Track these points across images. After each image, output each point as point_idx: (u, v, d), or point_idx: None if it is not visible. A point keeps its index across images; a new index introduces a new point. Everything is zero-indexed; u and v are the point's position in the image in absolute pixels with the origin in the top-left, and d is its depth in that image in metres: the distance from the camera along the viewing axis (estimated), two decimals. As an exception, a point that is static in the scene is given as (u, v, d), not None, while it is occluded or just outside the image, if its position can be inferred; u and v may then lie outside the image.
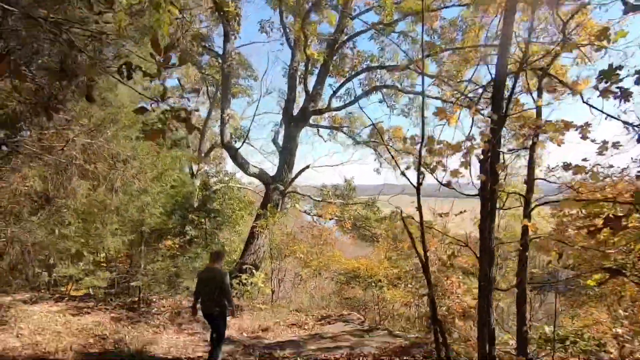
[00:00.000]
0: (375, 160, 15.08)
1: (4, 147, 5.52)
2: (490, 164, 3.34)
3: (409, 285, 6.88)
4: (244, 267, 9.20)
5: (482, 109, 9.88)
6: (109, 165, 5.53)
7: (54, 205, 5.52)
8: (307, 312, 8.50)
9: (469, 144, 3.21)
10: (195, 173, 16.68)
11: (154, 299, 8.59)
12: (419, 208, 3.14)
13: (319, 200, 11.29)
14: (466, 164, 3.27)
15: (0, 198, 5.06)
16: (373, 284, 9.62)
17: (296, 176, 10.09)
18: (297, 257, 9.82)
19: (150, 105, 2.63)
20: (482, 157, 3.44)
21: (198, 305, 5.05)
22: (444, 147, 3.41)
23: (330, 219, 10.52)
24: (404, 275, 7.37)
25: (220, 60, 10.26)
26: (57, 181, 5.46)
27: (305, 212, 11.85)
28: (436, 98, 11.09)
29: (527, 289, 4.17)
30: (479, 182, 3.42)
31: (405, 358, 5.08)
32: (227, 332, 7.15)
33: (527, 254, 3.99)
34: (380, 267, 8.93)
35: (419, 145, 3.24)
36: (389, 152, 12.35)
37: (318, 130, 14.67)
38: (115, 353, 5.20)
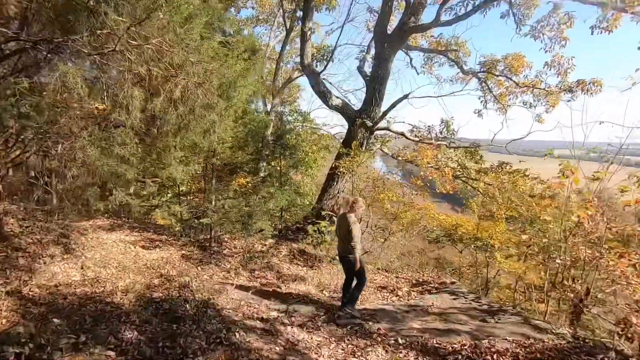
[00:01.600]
0: (479, 98, 12.32)
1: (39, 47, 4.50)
2: None
3: (558, 261, 4.89)
4: (322, 213, 7.93)
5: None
6: (165, 69, 4.22)
7: (107, 120, 4.45)
8: (396, 273, 7.06)
9: None
10: (269, 110, 15.59)
11: (226, 239, 7.86)
12: None
13: (417, 140, 9.28)
14: None
15: (44, 108, 4.07)
16: (479, 248, 7.75)
17: (390, 108, 8.14)
18: (384, 208, 8.23)
19: None
20: None
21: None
22: None
23: (427, 166, 8.57)
24: (542, 245, 5.35)
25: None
26: (107, 88, 4.33)
27: (393, 156, 9.99)
28: (596, 4, 7.83)
29: None
30: None
31: (573, 371, 3.35)
32: (305, 288, 6.06)
33: None
34: (495, 229, 6.94)
35: None
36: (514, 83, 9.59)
37: (411, 60, 12.14)
38: (177, 302, 4.31)
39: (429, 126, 10.94)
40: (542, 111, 11.64)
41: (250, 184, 8.90)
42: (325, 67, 8.41)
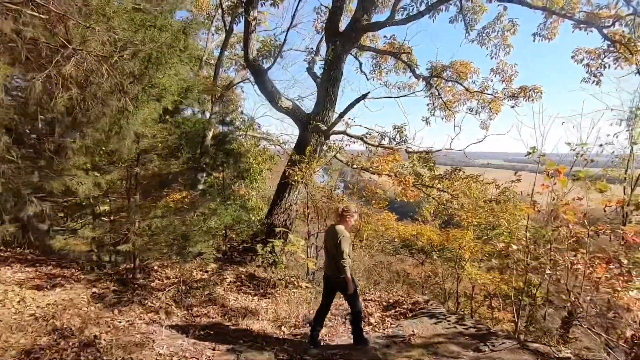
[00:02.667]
0: (427, 105, 12.28)
1: None
2: None
3: (548, 271, 4.37)
4: (276, 229, 6.82)
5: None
6: (52, 37, 2.96)
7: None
8: (363, 294, 6.18)
9: None
10: (209, 116, 14.07)
11: (155, 267, 6.38)
12: None
13: (376, 145, 8.60)
14: None
15: None
16: (447, 259, 7.23)
17: (348, 109, 7.36)
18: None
19: None
20: None
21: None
22: None
23: (386, 174, 7.93)
24: (518, 253, 4.83)
25: None
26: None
27: (347, 163, 9.26)
28: (541, 9, 7.94)
29: None
30: None
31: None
32: (259, 325, 4.89)
33: None
34: (464, 238, 6.43)
35: None
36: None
37: (360, 65, 11.70)
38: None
39: (381, 133, 10.50)
40: (486, 118, 11.90)
41: (187, 199, 7.49)
42: (273, 64, 7.37)
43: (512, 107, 10.62)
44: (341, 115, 7.51)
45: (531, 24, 9.29)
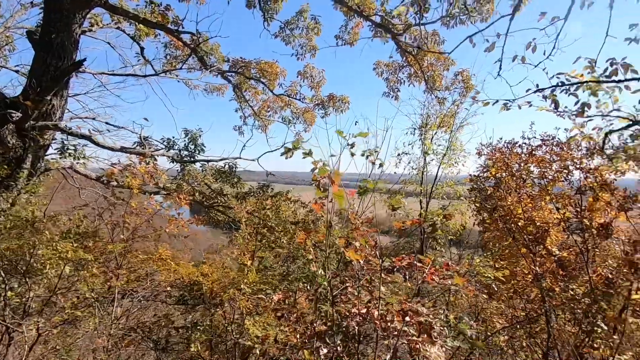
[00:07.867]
0: (236, 111, 10.42)
1: None
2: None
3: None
4: None
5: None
6: None
7: None
8: None
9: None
10: None
11: None
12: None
13: (117, 149, 5.62)
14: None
15: None
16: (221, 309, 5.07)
17: (54, 84, 4.34)
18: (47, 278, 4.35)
19: None
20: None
21: None
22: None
23: (139, 191, 5.24)
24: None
25: None
26: None
27: (101, 179, 6.15)
28: (337, 1, 7.04)
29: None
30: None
31: None
32: None
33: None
34: (242, 281, 4.41)
35: None
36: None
37: (142, 50, 8.84)
38: None
39: (168, 139, 7.88)
40: (301, 130, 10.89)
41: None
42: None
43: (323, 117, 9.81)
44: (41, 94, 4.49)
45: (336, 28, 8.53)
